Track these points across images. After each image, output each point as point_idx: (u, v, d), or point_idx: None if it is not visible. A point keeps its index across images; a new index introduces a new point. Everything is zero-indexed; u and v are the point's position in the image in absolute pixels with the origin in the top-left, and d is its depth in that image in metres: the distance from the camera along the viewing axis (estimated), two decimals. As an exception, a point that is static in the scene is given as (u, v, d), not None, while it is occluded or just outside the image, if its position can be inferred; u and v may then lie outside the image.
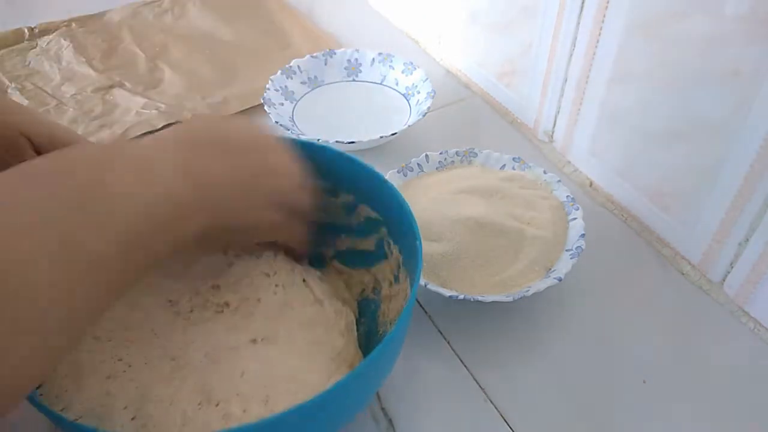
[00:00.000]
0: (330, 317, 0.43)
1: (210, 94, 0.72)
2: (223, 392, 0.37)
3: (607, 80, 0.54)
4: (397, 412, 0.44)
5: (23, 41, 0.81)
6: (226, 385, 0.38)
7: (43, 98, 0.71)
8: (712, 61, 0.44)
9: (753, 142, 0.43)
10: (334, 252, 0.50)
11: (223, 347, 0.40)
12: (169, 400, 0.37)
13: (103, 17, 0.86)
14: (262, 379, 0.38)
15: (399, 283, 0.44)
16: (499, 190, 0.53)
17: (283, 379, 0.38)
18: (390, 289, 0.45)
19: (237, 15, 0.87)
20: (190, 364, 0.39)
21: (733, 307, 0.49)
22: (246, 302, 0.43)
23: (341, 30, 0.85)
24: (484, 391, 0.45)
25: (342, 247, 0.49)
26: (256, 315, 0.42)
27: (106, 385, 0.37)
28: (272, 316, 0.42)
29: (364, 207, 0.47)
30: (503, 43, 0.66)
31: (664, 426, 0.43)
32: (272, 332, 0.41)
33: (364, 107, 0.70)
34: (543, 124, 0.64)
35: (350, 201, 0.47)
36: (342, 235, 0.49)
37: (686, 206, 0.51)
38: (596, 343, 0.48)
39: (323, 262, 0.49)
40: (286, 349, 0.40)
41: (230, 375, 0.38)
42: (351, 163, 0.45)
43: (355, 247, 0.49)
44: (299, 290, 0.44)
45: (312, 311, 0.43)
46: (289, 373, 0.39)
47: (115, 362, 0.38)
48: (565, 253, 0.50)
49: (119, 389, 0.37)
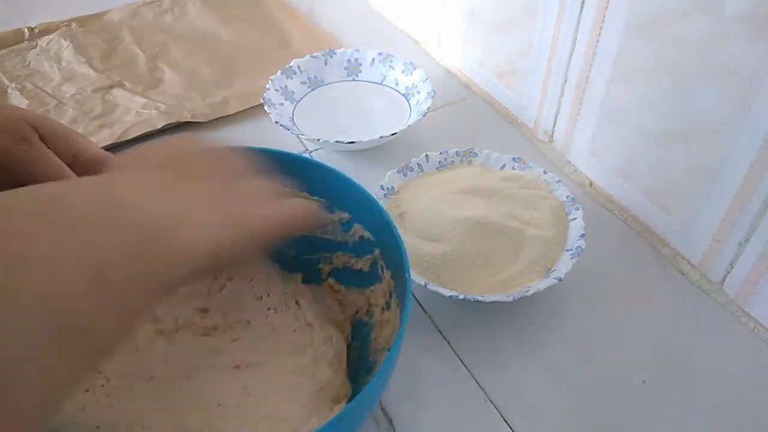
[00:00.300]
0: (319, 345, 0.42)
1: (210, 94, 0.72)
2: (197, 423, 0.36)
3: (607, 80, 0.54)
4: (397, 412, 0.44)
5: (23, 41, 0.81)
6: (200, 416, 0.37)
7: (43, 98, 0.71)
8: (712, 61, 0.44)
9: (753, 142, 0.43)
10: (330, 269, 0.49)
11: (205, 370, 0.39)
12: (141, 425, 0.36)
13: (103, 17, 0.86)
14: (238, 415, 0.37)
15: (390, 310, 0.43)
16: (499, 190, 0.53)
17: (260, 416, 0.38)
18: (382, 315, 0.44)
19: (237, 15, 0.87)
20: (168, 386, 0.38)
21: (733, 307, 0.50)
22: (234, 325, 0.42)
23: (341, 30, 0.85)
24: (484, 391, 0.45)
25: (338, 264, 0.49)
26: (243, 339, 0.41)
27: (83, 399, 0.37)
28: (259, 340, 0.41)
29: (359, 227, 0.46)
30: (503, 43, 0.66)
31: (664, 426, 0.43)
32: (257, 358, 0.40)
33: (364, 107, 0.70)
34: (543, 124, 0.64)
35: (346, 219, 0.46)
36: (338, 252, 0.48)
37: (686, 206, 0.51)
38: (596, 343, 0.48)
39: (319, 278, 0.49)
40: (270, 377, 0.39)
41: (207, 404, 0.37)
42: (346, 183, 0.45)
43: (350, 265, 0.48)
44: (292, 313, 0.43)
45: (301, 337, 0.42)
46: (268, 410, 0.38)
47: (94, 374, 0.38)
48: (565, 253, 0.50)
49: (94, 406, 0.37)
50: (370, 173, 0.57)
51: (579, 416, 0.44)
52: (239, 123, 0.69)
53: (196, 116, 0.68)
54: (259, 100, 0.67)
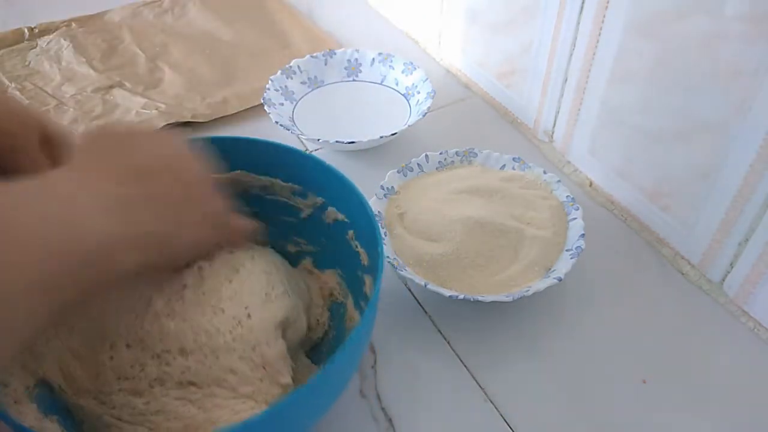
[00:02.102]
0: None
1: (210, 94, 0.72)
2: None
3: (607, 80, 0.54)
4: (397, 411, 0.44)
5: (23, 41, 0.81)
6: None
7: (43, 98, 0.71)
8: (713, 61, 0.44)
9: (753, 142, 0.43)
10: (304, 253, 0.50)
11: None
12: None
13: (104, 17, 0.86)
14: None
15: (365, 286, 0.43)
16: (499, 190, 0.53)
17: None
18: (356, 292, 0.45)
19: (237, 15, 0.87)
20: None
21: (733, 307, 0.50)
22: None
23: (341, 30, 0.85)
24: (484, 391, 0.45)
25: (312, 249, 0.49)
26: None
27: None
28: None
29: (332, 209, 0.46)
30: (503, 43, 0.66)
31: (663, 426, 0.43)
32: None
33: (364, 107, 0.70)
34: (543, 124, 0.64)
35: (319, 203, 0.47)
36: (312, 236, 0.49)
37: (686, 206, 0.51)
38: (596, 343, 0.48)
39: (294, 262, 0.49)
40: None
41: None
42: (318, 166, 0.45)
43: (324, 249, 0.49)
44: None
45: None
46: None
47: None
48: (564, 253, 0.50)
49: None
50: (370, 173, 0.57)
51: (579, 416, 0.44)
52: (239, 123, 0.69)
53: (196, 116, 0.68)
54: (259, 100, 0.67)
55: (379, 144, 0.63)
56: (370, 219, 0.41)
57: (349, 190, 0.43)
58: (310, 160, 0.46)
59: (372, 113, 0.69)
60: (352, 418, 0.43)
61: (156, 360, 0.38)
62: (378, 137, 0.61)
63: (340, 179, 0.44)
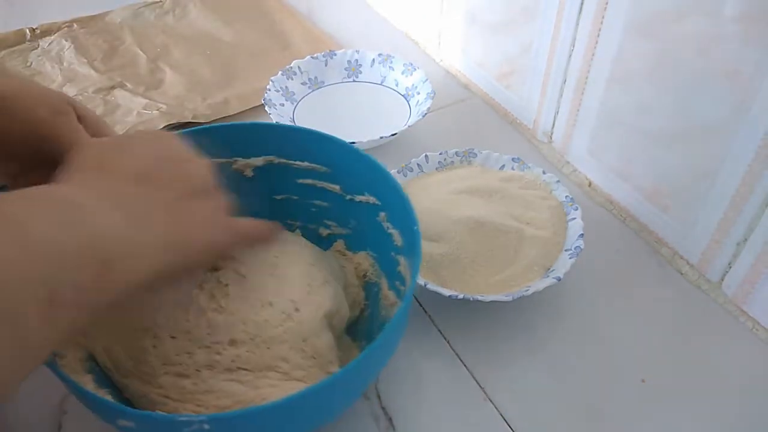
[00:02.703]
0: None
1: (211, 95, 0.72)
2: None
3: (606, 80, 0.54)
4: (397, 411, 0.44)
5: (24, 42, 0.81)
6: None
7: (44, 99, 0.71)
8: (712, 62, 0.45)
9: (751, 143, 0.43)
10: (335, 236, 0.51)
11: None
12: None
13: (105, 18, 0.86)
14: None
15: (400, 266, 0.45)
16: (499, 190, 0.53)
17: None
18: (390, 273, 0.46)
19: (237, 16, 0.87)
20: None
21: (732, 307, 0.50)
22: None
23: (341, 31, 0.85)
24: (484, 390, 0.45)
25: (343, 231, 0.51)
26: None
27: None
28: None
29: (365, 193, 0.47)
30: (503, 43, 0.66)
31: (663, 425, 0.43)
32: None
33: (364, 108, 0.70)
34: (542, 125, 0.64)
35: (350, 187, 0.48)
36: (343, 219, 0.50)
37: (685, 206, 0.51)
38: (595, 343, 0.48)
39: (326, 245, 0.51)
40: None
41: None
42: (350, 152, 0.47)
43: (355, 231, 0.50)
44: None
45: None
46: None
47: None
48: (564, 253, 0.50)
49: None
50: (371, 173, 0.57)
51: (578, 416, 0.44)
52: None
53: (197, 117, 0.68)
54: (259, 100, 0.67)
55: (379, 144, 0.63)
56: (404, 201, 0.42)
57: (381, 174, 0.45)
58: (342, 146, 0.47)
59: (372, 114, 0.69)
60: (352, 418, 0.43)
61: (205, 350, 0.39)
62: (378, 138, 0.61)
63: (372, 164, 0.45)
